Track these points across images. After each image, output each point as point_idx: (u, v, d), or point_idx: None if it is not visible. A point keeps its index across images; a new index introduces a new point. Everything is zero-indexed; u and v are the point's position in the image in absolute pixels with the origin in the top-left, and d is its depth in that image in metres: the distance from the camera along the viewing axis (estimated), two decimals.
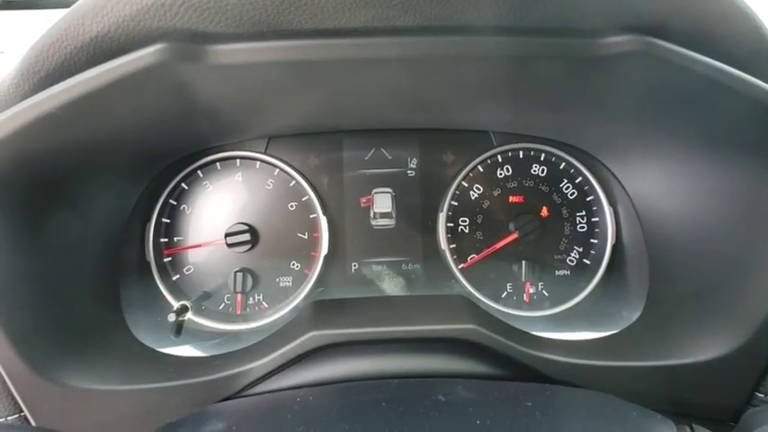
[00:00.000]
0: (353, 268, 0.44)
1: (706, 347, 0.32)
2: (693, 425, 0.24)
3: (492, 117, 0.42)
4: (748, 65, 0.29)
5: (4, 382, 0.31)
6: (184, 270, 0.43)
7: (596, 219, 0.43)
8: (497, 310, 0.42)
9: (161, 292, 0.42)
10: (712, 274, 0.34)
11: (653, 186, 0.39)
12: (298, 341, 0.34)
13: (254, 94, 0.34)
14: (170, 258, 0.43)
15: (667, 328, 0.36)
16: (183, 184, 0.43)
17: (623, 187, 0.41)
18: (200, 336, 0.41)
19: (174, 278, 0.43)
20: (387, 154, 0.45)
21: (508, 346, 0.33)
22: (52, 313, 0.34)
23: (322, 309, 0.39)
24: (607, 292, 0.42)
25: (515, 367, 0.33)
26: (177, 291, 0.43)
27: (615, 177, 0.42)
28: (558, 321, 0.42)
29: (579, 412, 0.26)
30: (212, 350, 0.39)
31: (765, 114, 0.29)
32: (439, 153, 0.44)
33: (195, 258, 0.43)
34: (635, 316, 0.39)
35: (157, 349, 0.38)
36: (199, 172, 0.44)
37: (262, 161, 0.44)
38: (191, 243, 0.44)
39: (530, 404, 0.26)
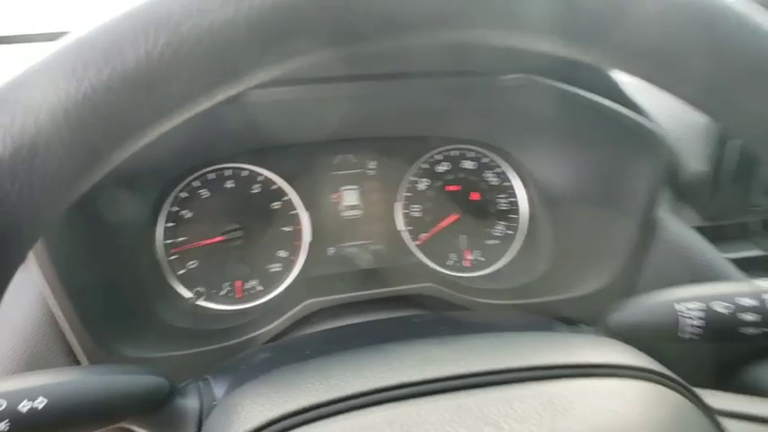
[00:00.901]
0: (331, 252, 0.54)
1: (591, 282, 0.46)
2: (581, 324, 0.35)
3: (431, 127, 0.54)
4: (605, 93, 0.43)
5: (79, 356, 0.38)
6: (189, 265, 0.51)
7: (514, 198, 0.55)
8: (446, 273, 0.54)
9: (171, 285, 0.50)
10: (594, 229, 0.47)
11: (553, 171, 0.52)
12: (297, 308, 0.43)
13: (263, 121, 0.43)
14: (176, 256, 0.51)
15: (566, 272, 0.50)
16: (181, 193, 0.51)
17: (532, 174, 0.54)
18: (211, 317, 0.50)
19: (180, 272, 0.50)
20: (351, 158, 0.55)
21: (453, 295, 0.45)
22: (114, 301, 0.41)
23: (311, 283, 0.48)
24: (526, 252, 0.55)
25: (453, 307, 0.45)
26: (185, 283, 0.50)
27: (525, 167, 0.55)
28: (491, 278, 0.54)
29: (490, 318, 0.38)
30: (228, 323, 0.47)
31: (617, 124, 0.43)
32: (392, 155, 0.54)
33: (197, 255, 0.51)
34: (545, 267, 0.52)
35: (184, 327, 0.46)
36: (195, 182, 0.51)
37: (249, 170, 0.52)
38: (192, 242, 0.52)
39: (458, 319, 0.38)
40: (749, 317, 0.26)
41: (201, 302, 0.50)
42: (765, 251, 0.46)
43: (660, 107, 0.45)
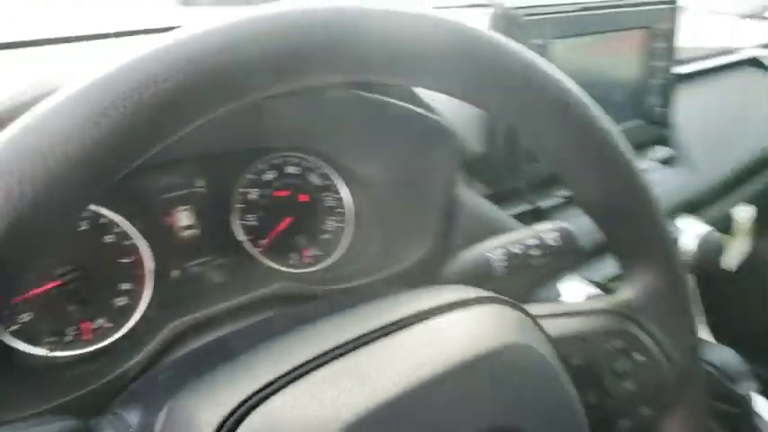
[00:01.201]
0: (176, 274, 0.53)
1: (415, 254, 0.54)
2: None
3: (253, 140, 0.57)
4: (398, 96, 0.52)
5: None
6: (21, 319, 0.46)
7: (339, 195, 0.62)
8: (290, 272, 0.58)
9: (9, 345, 0.45)
10: (409, 211, 0.56)
11: (368, 167, 0.60)
12: (163, 332, 0.44)
13: None
14: (6, 311, 0.45)
15: (393, 250, 0.58)
16: None
17: (352, 171, 0.61)
18: (65, 365, 0.46)
19: (13, 329, 0.46)
20: (177, 179, 0.55)
21: (301, 289, 0.50)
22: None
23: (165, 309, 0.48)
24: (357, 241, 0.62)
25: (306, 298, 0.50)
26: (24, 338, 0.45)
27: (345, 166, 0.61)
28: (331, 268, 0.60)
29: None
30: (84, 367, 0.44)
31: (411, 121, 0.52)
32: (219, 171, 0.56)
33: (31, 306, 0.46)
34: (376, 249, 0.60)
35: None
36: None
37: None
38: (22, 294, 0.47)
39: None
40: (535, 252, 0.36)
41: (55, 353, 0.46)
42: (533, 205, 0.60)
43: (442, 103, 0.55)
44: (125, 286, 0.52)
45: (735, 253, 1.04)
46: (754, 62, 1.03)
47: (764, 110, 0.98)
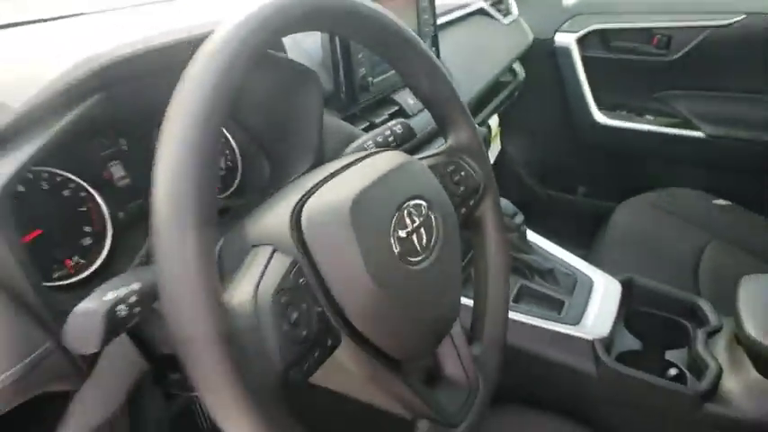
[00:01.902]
0: (122, 215, 0.65)
1: (299, 170, 0.75)
2: None
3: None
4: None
5: None
6: None
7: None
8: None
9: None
10: (288, 140, 0.76)
11: (253, 115, 0.77)
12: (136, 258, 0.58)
13: None
14: None
15: (278, 174, 0.77)
16: None
17: (239, 121, 0.77)
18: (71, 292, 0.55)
19: None
20: (108, 141, 0.65)
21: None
22: None
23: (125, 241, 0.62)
24: (247, 176, 0.79)
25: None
26: None
27: (236, 118, 0.77)
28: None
29: None
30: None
31: (289, 69, 0.72)
32: (135, 132, 0.68)
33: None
34: (265, 178, 0.78)
35: None
36: None
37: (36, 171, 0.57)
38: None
39: None
40: (390, 138, 0.61)
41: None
42: (370, 122, 0.85)
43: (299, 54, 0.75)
44: (88, 229, 0.62)
45: (492, 151, 1.45)
46: (482, 11, 1.42)
47: (492, 46, 1.38)
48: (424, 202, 0.45)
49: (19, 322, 0.41)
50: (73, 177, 0.60)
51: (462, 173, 0.56)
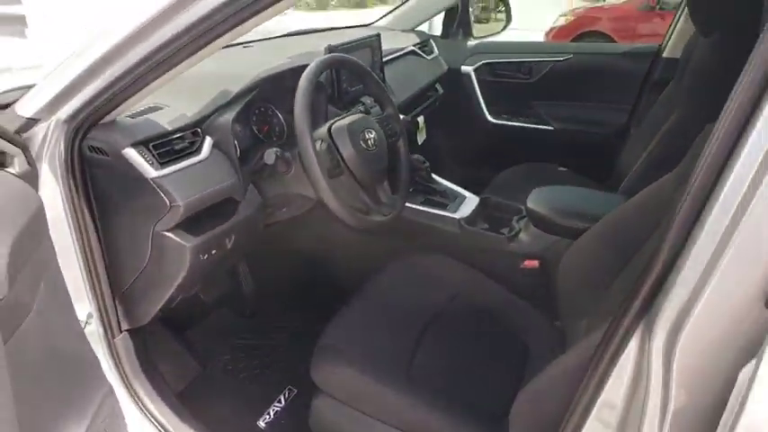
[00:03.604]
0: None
1: None
2: None
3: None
4: None
5: None
6: None
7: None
8: None
9: None
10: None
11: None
12: None
13: None
14: None
15: None
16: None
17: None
18: None
19: None
20: None
21: None
22: None
23: None
24: None
25: None
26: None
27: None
28: None
29: None
30: None
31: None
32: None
33: None
34: None
35: None
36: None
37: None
38: None
39: None
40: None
41: None
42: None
43: None
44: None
45: (419, 138, 2.29)
46: (413, 52, 2.28)
47: (418, 72, 2.23)
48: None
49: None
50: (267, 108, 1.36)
51: (389, 125, 1.39)
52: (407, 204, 1.63)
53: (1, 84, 1.14)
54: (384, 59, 1.90)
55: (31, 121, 0.96)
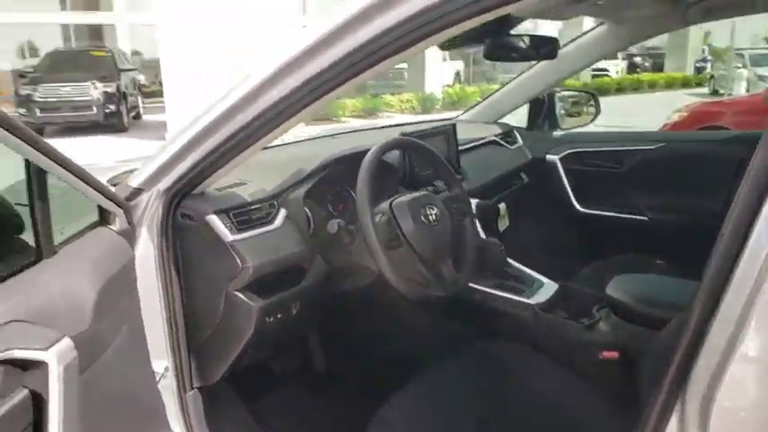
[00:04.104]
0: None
1: None
2: None
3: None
4: None
5: None
6: None
7: None
8: None
9: None
10: None
11: None
12: None
13: None
14: None
15: None
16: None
17: None
18: None
19: None
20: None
21: None
22: None
23: None
24: None
25: None
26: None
27: None
28: None
29: None
30: None
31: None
32: None
33: None
34: None
35: None
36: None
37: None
38: None
39: None
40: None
41: None
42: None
43: None
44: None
45: (501, 225, 2.30)
46: (495, 142, 2.35)
47: (497, 160, 2.29)
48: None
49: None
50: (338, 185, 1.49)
51: (455, 205, 1.44)
52: (479, 287, 1.63)
53: None
54: (462, 148, 1.99)
55: (138, 191, 1.14)
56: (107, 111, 9.51)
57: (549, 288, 1.67)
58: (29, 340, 0.67)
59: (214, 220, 1.09)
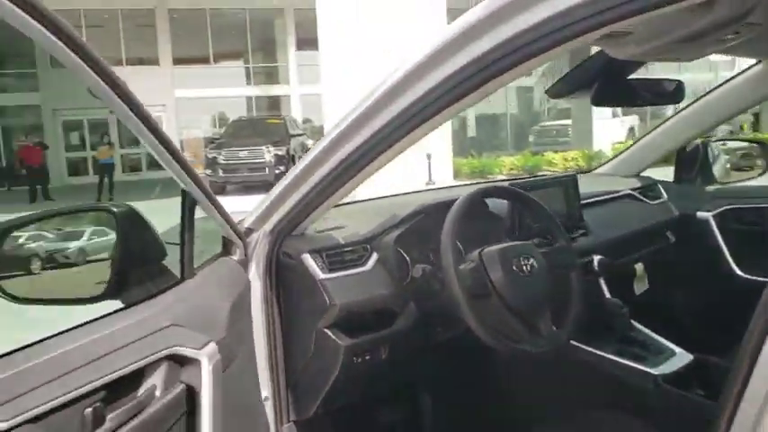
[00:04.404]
0: None
1: None
2: None
3: None
4: None
5: None
6: None
7: None
8: None
9: None
10: None
11: None
12: None
13: None
14: None
15: None
16: None
17: None
18: None
19: None
20: None
21: None
22: None
23: None
24: None
25: None
26: None
27: None
28: None
29: None
30: None
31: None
32: None
33: None
34: None
35: None
36: None
37: None
38: None
39: None
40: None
41: None
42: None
43: None
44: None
45: (638, 288, 2.07)
46: (631, 196, 2.17)
47: (633, 217, 2.10)
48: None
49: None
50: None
51: (559, 257, 1.34)
52: (595, 351, 1.49)
53: None
54: (589, 201, 1.87)
55: (249, 230, 1.26)
56: (277, 171, 10.72)
57: (681, 359, 1.46)
58: (187, 341, 0.78)
59: (308, 258, 1.16)
